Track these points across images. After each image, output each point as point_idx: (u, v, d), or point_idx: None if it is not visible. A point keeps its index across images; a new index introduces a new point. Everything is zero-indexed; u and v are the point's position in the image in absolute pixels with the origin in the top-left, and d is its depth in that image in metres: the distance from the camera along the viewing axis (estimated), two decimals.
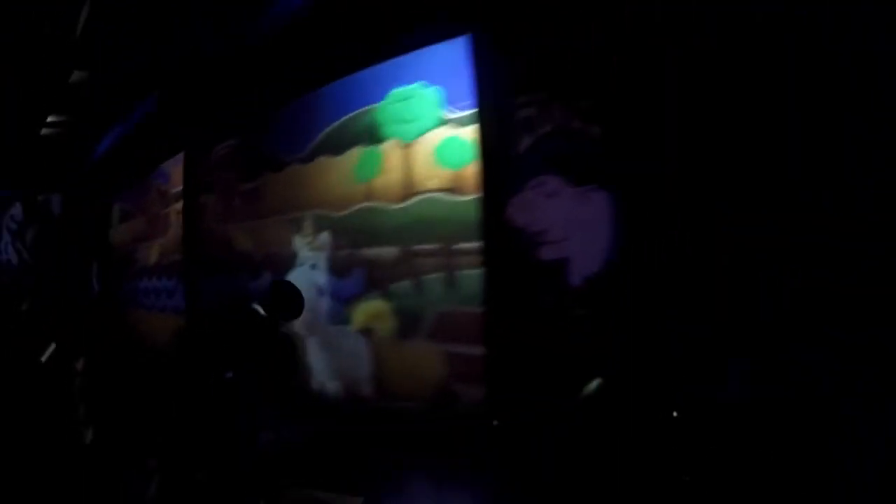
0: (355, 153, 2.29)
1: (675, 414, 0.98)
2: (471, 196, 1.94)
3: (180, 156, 3.57)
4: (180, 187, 3.59)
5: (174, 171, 3.77)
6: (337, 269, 2.35)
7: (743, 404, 1.30)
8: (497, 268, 1.84)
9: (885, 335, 1.15)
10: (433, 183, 2.03)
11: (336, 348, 2.35)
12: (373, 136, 2.23)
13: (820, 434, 1.22)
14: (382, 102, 2.21)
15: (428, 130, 2.05)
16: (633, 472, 0.91)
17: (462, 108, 1.96)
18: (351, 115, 2.32)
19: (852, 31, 1.25)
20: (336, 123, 2.38)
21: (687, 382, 1.34)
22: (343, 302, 2.31)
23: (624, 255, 1.61)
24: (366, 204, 2.24)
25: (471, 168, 1.94)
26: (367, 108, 2.26)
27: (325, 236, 2.40)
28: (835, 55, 1.23)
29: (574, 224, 1.71)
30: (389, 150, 2.18)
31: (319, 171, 2.47)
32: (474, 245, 1.91)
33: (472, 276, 1.91)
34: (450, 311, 1.96)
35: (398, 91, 2.16)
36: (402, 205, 2.12)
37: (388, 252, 2.15)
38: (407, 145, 2.13)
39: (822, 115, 1.27)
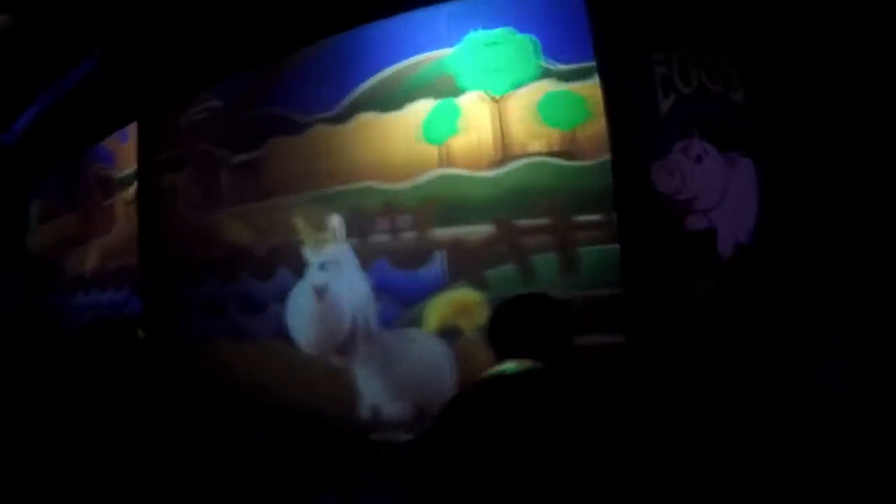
0: (420, 108, 1.83)
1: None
2: (590, 161, 1.64)
3: (131, 128, 2.67)
4: (132, 168, 2.69)
5: (120, 149, 2.83)
6: (402, 257, 1.85)
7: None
8: (638, 241, 1.57)
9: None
10: (538, 145, 1.68)
11: (403, 359, 1.85)
12: (446, 87, 1.80)
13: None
14: (458, 47, 1.79)
15: (524, 83, 1.71)
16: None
17: (565, 61, 1.67)
18: (409, 61, 1.85)
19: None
20: (386, 72, 1.89)
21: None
22: (413, 299, 1.82)
23: (763, 228, 1.56)
24: (442, 171, 1.80)
25: (587, 128, 1.64)
26: (433, 53, 1.82)
27: (379, 216, 1.88)
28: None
29: (722, 191, 1.60)
30: (472, 105, 1.77)
31: (362, 133, 1.94)
32: (598, 217, 1.61)
33: (596, 252, 1.62)
34: (567, 296, 1.62)
35: (479, 35, 1.77)
36: (496, 171, 1.73)
37: (478, 231, 1.73)
38: (497, 100, 1.74)
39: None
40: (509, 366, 0.91)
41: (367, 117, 1.94)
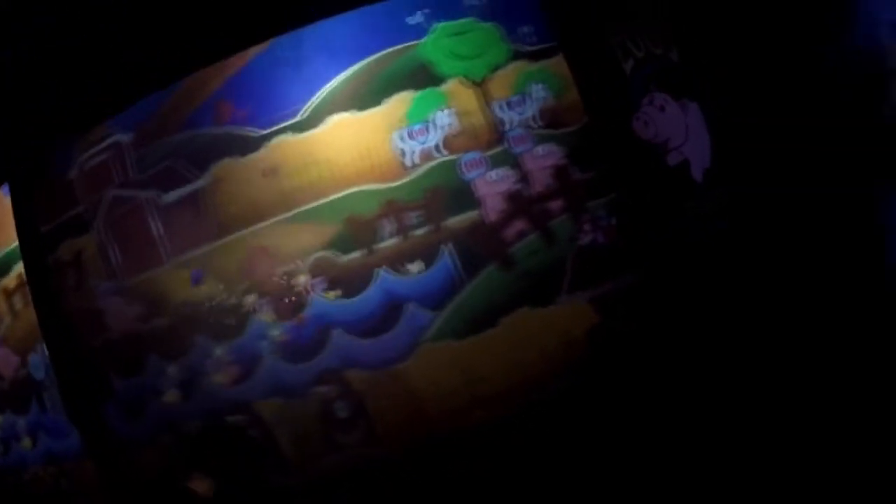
0: (400, 100, 1.94)
1: None
2: (572, 127, 1.98)
3: None
4: (7, 248, 2.22)
5: None
6: (415, 256, 1.88)
7: None
8: (634, 184, 1.97)
9: None
10: (524, 121, 1.95)
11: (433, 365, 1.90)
12: (424, 77, 1.95)
13: None
14: (429, 37, 1.96)
15: (500, 65, 1.98)
16: None
17: (530, 43, 2.00)
18: (378, 55, 1.94)
19: None
20: (353, 68, 1.94)
21: None
22: (433, 300, 1.88)
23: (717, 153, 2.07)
24: (441, 159, 1.92)
25: (563, 100, 1.99)
26: (403, 45, 1.95)
27: (381, 218, 1.89)
28: None
29: (684, 130, 2.06)
30: (456, 91, 1.95)
31: (338, 135, 1.94)
32: (594, 173, 1.97)
33: (602, 204, 1.95)
34: (585, 250, 1.93)
35: (447, 25, 1.98)
36: (495, 150, 1.93)
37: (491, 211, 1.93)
38: (479, 83, 1.96)
39: None
40: None
41: (342, 119, 1.95)
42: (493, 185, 1.93)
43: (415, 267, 1.93)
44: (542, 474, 1.97)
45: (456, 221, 1.93)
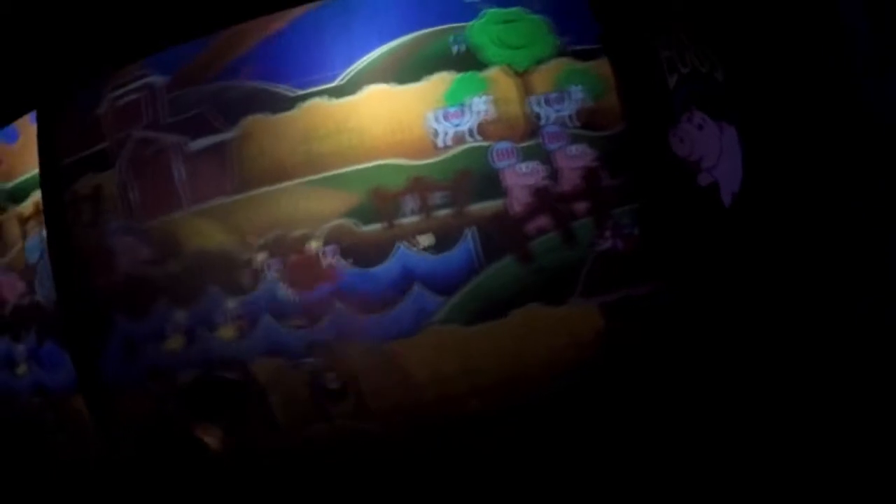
0: (440, 80, 1.93)
1: None
2: (608, 131, 1.97)
3: (22, 123, 2.24)
4: (28, 174, 2.24)
5: (7, 152, 2.35)
6: (437, 238, 1.88)
7: None
8: (661, 197, 1.96)
9: None
10: (562, 118, 1.94)
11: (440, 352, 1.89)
12: (468, 59, 1.94)
13: None
14: (478, 21, 1.96)
15: (545, 59, 1.97)
16: None
17: (576, 41, 1.99)
18: (425, 31, 1.94)
19: None
20: (397, 41, 1.94)
21: None
22: (448, 282, 1.88)
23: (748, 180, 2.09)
24: (472, 144, 1.92)
25: (603, 103, 1.98)
26: (451, 25, 1.95)
27: (405, 194, 1.88)
28: None
29: (718, 152, 2.07)
30: (497, 79, 1.95)
31: (373, 106, 1.94)
32: (620, 181, 1.96)
33: (627, 212, 1.93)
34: (603, 255, 1.92)
35: (497, 12, 1.97)
36: (528, 143, 1.93)
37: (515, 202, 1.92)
38: (521, 74, 1.96)
39: None
40: None
41: (379, 90, 1.95)
42: (521, 177, 1.93)
43: (431, 244, 1.94)
44: (530, 472, 1.99)
45: (480, 208, 1.92)
